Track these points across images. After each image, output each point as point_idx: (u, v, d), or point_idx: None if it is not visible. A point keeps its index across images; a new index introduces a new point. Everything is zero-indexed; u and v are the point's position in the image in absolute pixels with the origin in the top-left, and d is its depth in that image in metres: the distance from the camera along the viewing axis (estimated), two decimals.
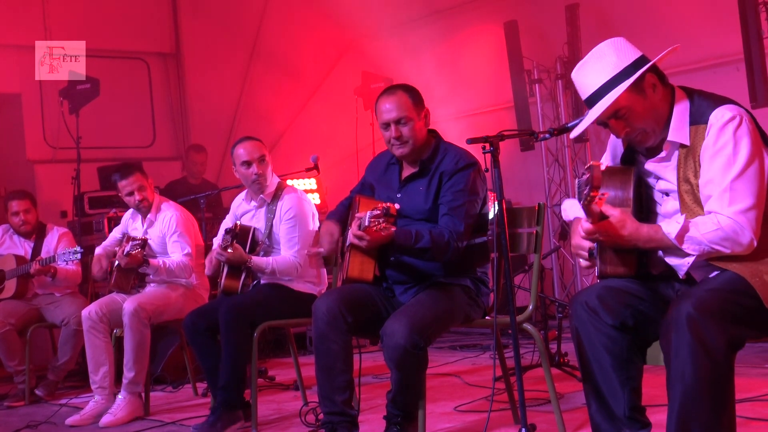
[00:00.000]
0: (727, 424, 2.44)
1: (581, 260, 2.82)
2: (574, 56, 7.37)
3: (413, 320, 3.32)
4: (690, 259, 2.60)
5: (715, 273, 2.63)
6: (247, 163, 4.48)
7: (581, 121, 2.81)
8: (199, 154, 7.88)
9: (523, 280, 6.28)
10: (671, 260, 2.67)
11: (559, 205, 7.68)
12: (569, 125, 3.19)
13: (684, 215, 2.60)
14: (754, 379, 4.39)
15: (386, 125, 3.60)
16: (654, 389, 2.95)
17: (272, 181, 4.62)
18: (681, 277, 2.67)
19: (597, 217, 2.59)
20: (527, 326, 3.52)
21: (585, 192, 2.48)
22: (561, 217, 7.65)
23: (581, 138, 7.68)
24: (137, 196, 5.01)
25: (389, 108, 3.58)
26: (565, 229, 7.55)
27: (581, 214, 2.94)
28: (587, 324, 2.70)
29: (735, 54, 6.22)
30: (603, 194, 2.53)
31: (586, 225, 2.62)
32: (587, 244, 2.75)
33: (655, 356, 2.58)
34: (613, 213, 2.60)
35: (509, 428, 3.87)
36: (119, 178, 5.02)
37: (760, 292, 2.50)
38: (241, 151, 4.49)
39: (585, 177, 2.46)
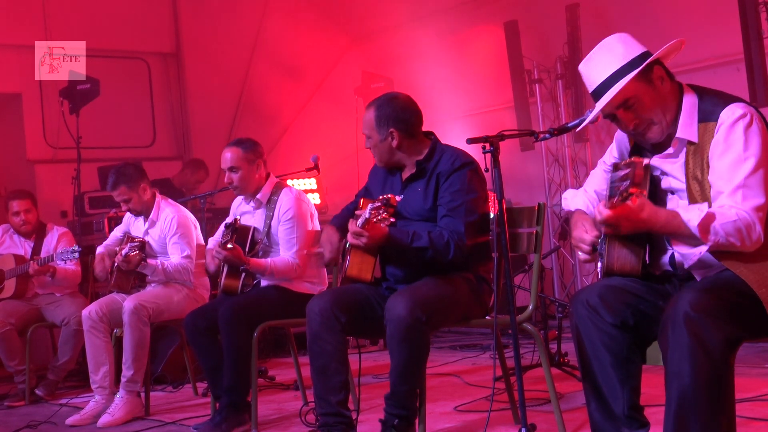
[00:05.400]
0: (726, 423, 2.43)
1: (581, 253, 2.79)
2: (574, 56, 7.38)
3: (414, 295, 3.34)
4: (702, 249, 2.58)
5: (716, 272, 2.62)
6: None
7: (585, 118, 2.80)
8: (206, 173, 7.85)
9: (523, 280, 6.27)
10: (681, 248, 2.65)
11: (560, 205, 7.69)
12: (569, 125, 3.19)
13: (705, 203, 2.57)
14: (754, 379, 4.39)
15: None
16: (653, 389, 2.95)
17: (269, 182, 4.64)
18: (686, 266, 2.66)
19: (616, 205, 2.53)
20: (527, 326, 3.51)
21: (622, 188, 2.44)
22: (561, 216, 7.70)
23: (581, 138, 7.68)
24: (123, 207, 5.11)
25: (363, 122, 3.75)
26: (565, 229, 7.55)
27: (583, 206, 2.93)
28: (588, 322, 2.70)
29: (735, 54, 6.22)
30: (642, 192, 2.49)
31: (604, 211, 2.52)
32: (589, 237, 2.72)
33: (655, 356, 2.58)
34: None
35: (509, 428, 3.86)
36: (109, 189, 5.10)
37: (765, 303, 2.47)
38: None
39: (623, 172, 2.43)
